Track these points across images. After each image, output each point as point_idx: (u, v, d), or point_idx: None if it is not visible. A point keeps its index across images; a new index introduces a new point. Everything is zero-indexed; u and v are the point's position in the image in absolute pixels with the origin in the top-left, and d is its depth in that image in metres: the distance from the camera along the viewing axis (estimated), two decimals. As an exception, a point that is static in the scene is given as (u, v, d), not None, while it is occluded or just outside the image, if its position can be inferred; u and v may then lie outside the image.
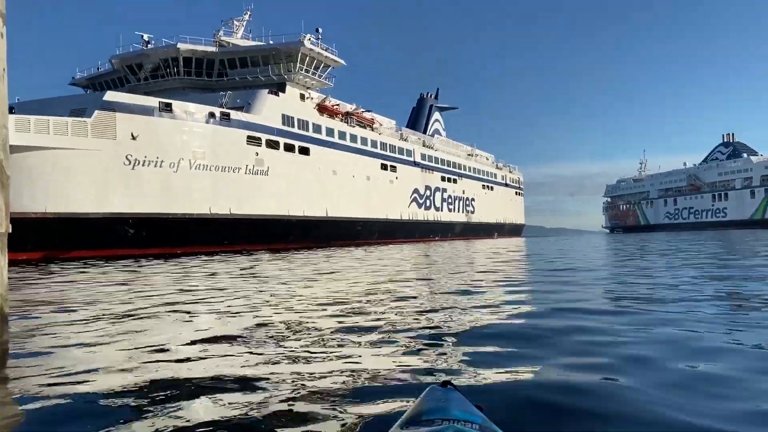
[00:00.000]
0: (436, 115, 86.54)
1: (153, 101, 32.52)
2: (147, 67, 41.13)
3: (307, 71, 42.35)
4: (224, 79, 41.63)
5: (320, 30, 43.22)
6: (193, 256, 28.53)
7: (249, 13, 47.53)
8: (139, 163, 31.36)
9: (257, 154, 37.82)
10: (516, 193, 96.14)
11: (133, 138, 30.89)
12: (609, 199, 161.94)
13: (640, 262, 16.95)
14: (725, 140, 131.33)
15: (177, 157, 32.88)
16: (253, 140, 37.57)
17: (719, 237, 47.39)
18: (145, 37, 41.34)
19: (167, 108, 32.72)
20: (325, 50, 43.32)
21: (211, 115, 34.98)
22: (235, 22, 46.70)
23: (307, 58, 41.80)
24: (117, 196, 30.49)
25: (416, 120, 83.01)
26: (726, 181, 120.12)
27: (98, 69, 46.08)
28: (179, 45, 39.74)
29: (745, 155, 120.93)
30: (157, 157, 32.07)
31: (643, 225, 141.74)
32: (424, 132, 78.03)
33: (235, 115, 36.46)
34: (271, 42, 42.20)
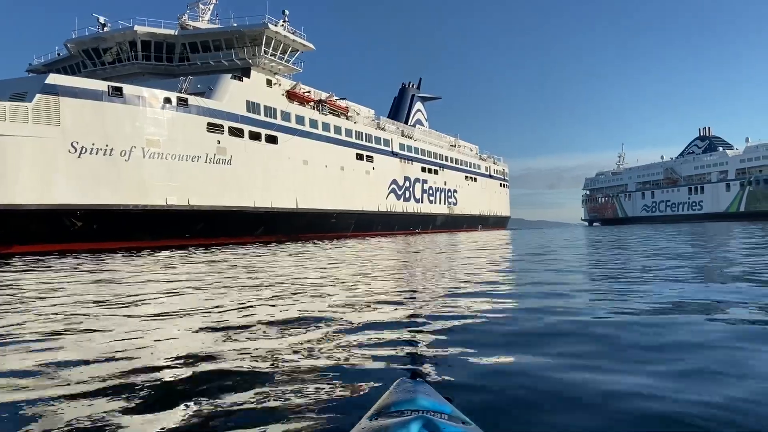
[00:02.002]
0: (418, 105, 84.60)
1: (101, 85, 30.45)
2: (104, 51, 38.94)
3: (273, 55, 40.26)
4: (186, 64, 39.50)
5: (287, 12, 41.16)
6: (146, 252, 26.69)
7: (216, -5, 45.32)
8: (86, 151, 29.31)
9: (219, 142, 35.84)
10: (500, 184, 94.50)
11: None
12: (588, 192, 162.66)
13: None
14: (701, 134, 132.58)
15: (128, 145, 30.84)
16: (214, 127, 35.57)
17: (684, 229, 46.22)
18: (101, 19, 39.08)
19: (117, 92, 30.66)
20: (293, 33, 41.27)
21: (167, 100, 32.94)
22: (201, 6, 44.46)
23: (273, 41, 39.70)
24: (62, 186, 28.44)
25: (397, 110, 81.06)
26: (702, 174, 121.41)
27: (58, 54, 43.85)
28: (136, 28, 37.54)
29: (720, 149, 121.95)
30: (107, 145, 30.03)
31: (621, 217, 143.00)
32: (406, 122, 76.11)
33: (193, 100, 34.42)
34: (234, 24, 40.03)
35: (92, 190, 29.49)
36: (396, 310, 6.31)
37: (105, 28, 39.01)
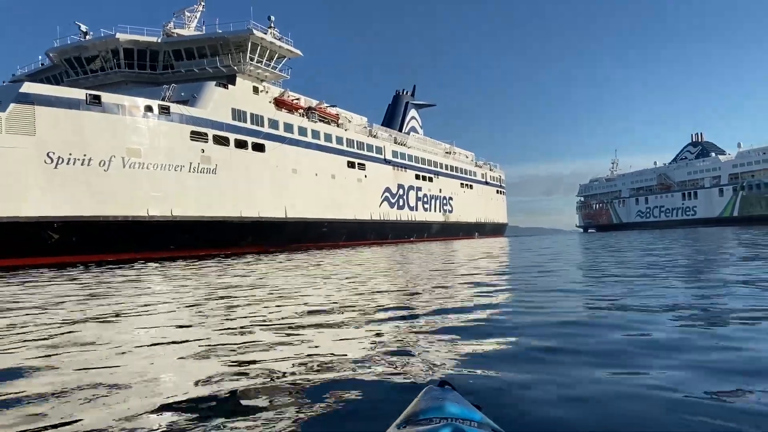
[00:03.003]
0: (413, 112, 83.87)
1: (79, 93, 29.64)
2: (86, 60, 38.14)
3: (259, 62, 39.42)
4: (170, 71, 38.67)
5: (273, 18, 40.42)
6: (123, 264, 25.79)
7: (203, 2, 44.52)
8: (63, 161, 28.45)
9: (203, 150, 34.99)
10: (497, 191, 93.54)
11: None
12: (582, 199, 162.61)
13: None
14: (694, 140, 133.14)
15: (108, 155, 29.97)
16: (198, 136, 34.73)
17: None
18: (83, 27, 38.28)
19: (95, 101, 29.82)
20: (279, 39, 40.47)
21: (148, 108, 32.11)
22: (187, 13, 43.66)
23: (259, 47, 38.89)
24: (37, 198, 27.54)
25: (391, 118, 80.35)
26: (695, 180, 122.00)
27: (42, 64, 43.09)
28: (118, 35, 36.74)
29: (713, 154, 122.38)
30: (84, 155, 29.16)
31: (615, 223, 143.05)
32: (400, 130, 75.34)
33: (176, 108, 33.60)
34: (219, 31, 39.25)
35: (70, 201, 28.59)
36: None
37: (87, 37, 38.20)
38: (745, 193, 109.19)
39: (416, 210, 64.14)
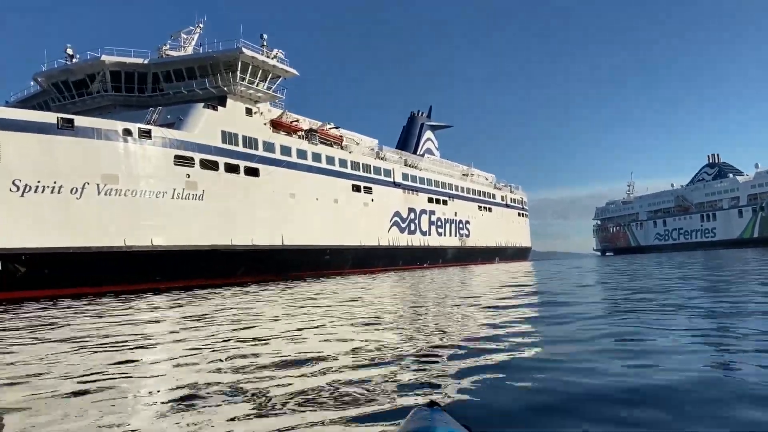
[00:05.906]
0: (428, 134, 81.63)
1: (50, 117, 27.99)
2: (73, 84, 36.77)
3: (251, 82, 37.49)
4: (159, 94, 37.01)
5: (265, 36, 38.57)
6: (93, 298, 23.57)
7: (201, 25, 43.00)
8: (30, 189, 26.64)
9: (188, 175, 33.00)
10: (519, 213, 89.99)
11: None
12: (599, 222, 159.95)
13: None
14: (710, 161, 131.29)
15: (80, 182, 28.12)
16: (183, 160, 32.78)
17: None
18: (69, 50, 36.99)
19: (68, 124, 28.08)
20: (272, 58, 38.57)
21: (127, 132, 30.29)
22: (183, 36, 42.18)
23: (250, 67, 37.01)
24: (2, 228, 25.71)
25: (406, 140, 78.30)
26: (713, 201, 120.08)
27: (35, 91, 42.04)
28: (104, 57, 35.28)
29: (731, 175, 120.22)
30: (55, 182, 27.34)
31: (634, 246, 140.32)
32: (415, 152, 73.10)
33: (158, 132, 31.75)
34: (209, 51, 37.56)
35: (39, 231, 26.73)
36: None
37: (74, 60, 36.91)
38: (765, 214, 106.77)
39: (429, 234, 61.27)
